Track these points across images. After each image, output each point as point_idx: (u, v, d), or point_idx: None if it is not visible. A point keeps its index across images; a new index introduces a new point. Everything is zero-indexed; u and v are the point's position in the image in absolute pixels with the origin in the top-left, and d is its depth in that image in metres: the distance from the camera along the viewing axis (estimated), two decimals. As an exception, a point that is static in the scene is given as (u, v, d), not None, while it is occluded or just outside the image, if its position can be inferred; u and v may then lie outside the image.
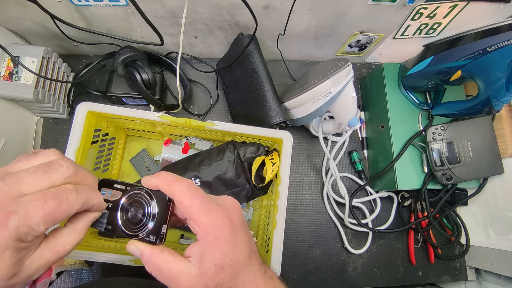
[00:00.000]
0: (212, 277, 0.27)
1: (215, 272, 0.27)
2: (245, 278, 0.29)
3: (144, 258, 0.28)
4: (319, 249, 0.70)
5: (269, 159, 0.58)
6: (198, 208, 0.27)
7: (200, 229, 0.27)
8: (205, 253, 0.27)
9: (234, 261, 0.28)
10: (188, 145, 0.65)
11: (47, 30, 0.61)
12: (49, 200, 0.23)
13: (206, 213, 0.27)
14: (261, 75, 0.62)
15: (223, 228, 0.27)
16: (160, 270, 0.27)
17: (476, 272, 0.72)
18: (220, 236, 0.27)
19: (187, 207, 0.27)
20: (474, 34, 0.52)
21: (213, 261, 0.27)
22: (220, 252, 0.27)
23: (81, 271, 0.62)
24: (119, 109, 0.52)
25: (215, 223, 0.27)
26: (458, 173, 0.62)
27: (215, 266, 0.27)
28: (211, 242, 0.27)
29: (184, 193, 0.27)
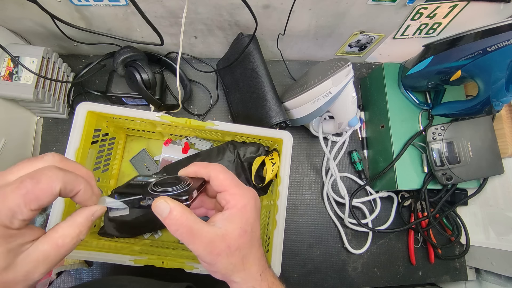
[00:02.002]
0: (235, 239, 0.29)
1: (239, 235, 0.30)
2: (255, 255, 0.32)
3: (174, 215, 0.27)
4: (319, 249, 0.70)
5: (269, 159, 0.58)
6: (231, 181, 0.31)
7: (232, 197, 0.31)
8: (234, 217, 0.30)
9: (253, 231, 0.31)
10: (188, 145, 0.65)
11: (47, 30, 0.61)
12: (25, 180, 0.22)
13: (237, 185, 0.31)
14: (261, 75, 0.62)
15: (251, 200, 0.31)
16: (190, 228, 0.28)
17: (476, 272, 0.72)
18: (248, 205, 0.31)
19: (222, 180, 0.31)
20: (474, 34, 0.52)
21: (239, 224, 0.30)
22: (246, 218, 0.31)
23: (81, 271, 0.62)
24: (119, 109, 0.52)
25: (245, 194, 0.31)
26: (458, 173, 0.62)
27: (240, 229, 0.30)
28: (240, 209, 0.30)
29: (219, 170, 0.32)
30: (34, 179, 0.23)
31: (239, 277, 0.31)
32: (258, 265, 0.32)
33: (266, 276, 0.32)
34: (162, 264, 0.49)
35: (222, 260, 0.29)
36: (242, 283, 0.31)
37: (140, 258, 0.49)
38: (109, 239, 0.59)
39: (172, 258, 0.52)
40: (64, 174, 0.24)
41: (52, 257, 0.24)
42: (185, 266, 0.49)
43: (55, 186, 0.23)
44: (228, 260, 0.29)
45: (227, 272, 0.30)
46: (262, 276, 0.32)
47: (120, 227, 0.59)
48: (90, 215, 0.27)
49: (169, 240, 0.65)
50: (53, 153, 0.26)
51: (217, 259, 0.29)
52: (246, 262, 0.31)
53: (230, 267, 0.30)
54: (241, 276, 0.31)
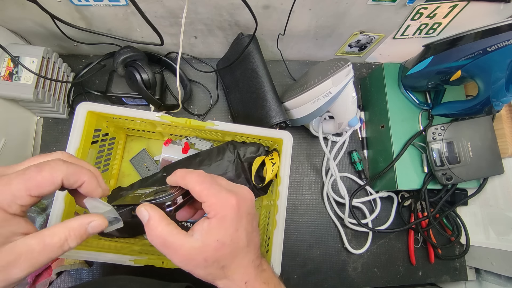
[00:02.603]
0: (212, 251, 0.28)
1: (216, 248, 0.28)
2: (239, 263, 0.31)
3: (151, 224, 0.28)
4: (319, 249, 0.70)
5: (269, 159, 0.58)
6: (208, 192, 0.30)
7: (210, 208, 0.29)
8: (211, 229, 0.29)
9: (234, 242, 0.30)
10: (188, 145, 0.65)
11: (47, 30, 0.61)
12: (30, 168, 0.24)
13: (215, 195, 0.30)
14: (261, 75, 0.62)
15: (231, 209, 0.29)
16: (164, 240, 0.28)
17: (476, 272, 0.72)
18: (227, 215, 0.29)
19: (198, 192, 0.30)
20: (474, 34, 0.52)
21: (216, 236, 0.29)
22: (224, 229, 0.29)
23: (81, 271, 0.62)
24: (119, 109, 0.52)
25: (223, 204, 0.29)
26: (458, 173, 0.62)
27: (217, 241, 0.29)
28: (218, 219, 0.29)
29: (195, 181, 0.30)
30: (38, 167, 0.24)
31: (221, 283, 0.30)
32: (243, 273, 0.31)
33: (252, 284, 0.31)
34: (162, 264, 0.49)
35: (200, 271, 0.29)
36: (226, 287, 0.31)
37: (140, 258, 0.49)
38: (109, 239, 0.59)
39: (172, 258, 0.51)
40: (67, 166, 0.25)
41: (36, 254, 0.23)
42: (185, 266, 0.49)
43: (57, 176, 0.24)
44: (205, 270, 0.29)
45: (207, 279, 0.30)
46: (248, 285, 0.31)
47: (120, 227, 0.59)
48: (87, 222, 0.26)
49: (169, 240, 0.65)
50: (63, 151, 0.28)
51: (195, 270, 0.29)
52: (228, 271, 0.30)
53: (209, 277, 0.30)
54: (223, 282, 0.30)
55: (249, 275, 0.31)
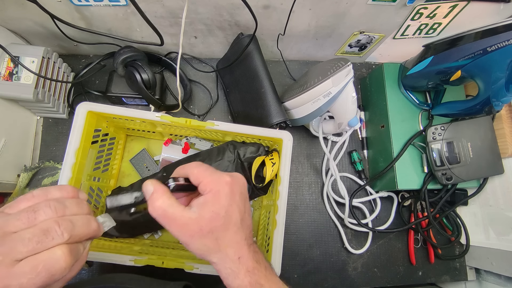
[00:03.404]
0: (207, 221, 0.31)
1: (211, 218, 0.31)
2: (232, 238, 0.33)
3: (154, 196, 0.30)
4: (319, 249, 0.70)
5: (269, 159, 0.58)
6: (204, 172, 0.33)
7: (207, 185, 0.33)
8: (207, 201, 0.32)
9: (228, 215, 0.33)
10: (188, 145, 0.65)
11: (47, 30, 0.61)
12: (41, 273, 0.23)
13: (211, 174, 0.33)
14: (261, 75, 0.62)
15: (225, 186, 0.33)
16: (164, 211, 0.30)
17: (476, 272, 0.72)
18: (221, 191, 0.33)
19: (196, 174, 0.33)
20: (474, 34, 0.52)
21: (211, 208, 0.32)
22: (218, 202, 0.32)
23: (81, 271, 0.62)
24: (119, 109, 0.52)
25: (218, 181, 0.33)
26: (458, 173, 0.62)
27: (212, 212, 0.32)
28: (213, 194, 0.32)
29: (194, 166, 0.34)
30: (48, 271, 0.23)
31: (215, 257, 0.33)
32: (237, 248, 0.33)
33: (246, 260, 0.33)
34: (162, 264, 0.49)
35: (195, 242, 0.31)
36: (220, 263, 0.33)
37: (140, 258, 0.49)
38: (109, 239, 0.59)
39: (172, 258, 0.52)
40: (73, 257, 0.25)
41: None
42: (185, 266, 0.49)
43: (68, 268, 0.25)
44: (201, 241, 0.32)
45: (202, 252, 0.32)
46: (241, 260, 0.33)
47: (120, 227, 0.59)
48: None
49: (169, 240, 0.65)
50: (52, 204, 0.26)
51: (191, 240, 0.31)
52: (221, 244, 0.32)
53: (204, 248, 0.32)
54: (217, 256, 0.32)
55: (242, 251, 0.33)
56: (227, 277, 0.33)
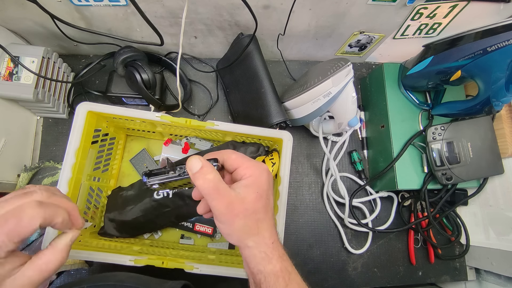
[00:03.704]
0: (252, 202, 0.32)
1: (255, 199, 0.32)
2: (269, 221, 0.34)
3: (204, 170, 0.31)
4: (319, 249, 0.70)
5: (269, 159, 0.58)
6: (243, 158, 0.35)
7: (247, 170, 0.34)
8: (250, 183, 0.33)
9: (268, 198, 0.34)
10: (188, 145, 0.65)
11: (47, 30, 0.61)
12: (9, 219, 0.27)
13: (249, 160, 0.35)
14: (261, 75, 0.62)
15: (264, 172, 0.35)
16: (216, 184, 0.31)
17: (476, 272, 0.72)
18: (262, 175, 0.34)
19: (234, 159, 0.34)
20: (474, 34, 0.52)
21: (255, 189, 0.33)
22: (261, 185, 0.34)
23: (81, 271, 0.62)
24: (119, 109, 0.52)
25: (258, 166, 0.34)
26: (458, 173, 0.62)
27: (256, 193, 0.33)
28: (255, 177, 0.33)
29: (231, 151, 0.35)
30: (16, 217, 0.27)
31: (252, 240, 0.33)
32: (271, 232, 0.34)
33: (277, 246, 0.34)
34: (162, 264, 0.49)
35: (239, 221, 0.32)
36: (255, 247, 0.33)
37: (140, 258, 0.49)
38: (109, 239, 0.59)
39: (172, 258, 0.52)
40: (44, 211, 0.28)
41: (36, 281, 0.29)
42: (185, 266, 0.49)
43: (35, 223, 0.27)
44: (244, 221, 0.32)
45: (242, 234, 0.32)
46: (274, 245, 0.34)
47: (120, 227, 0.60)
48: (69, 240, 0.32)
49: (169, 240, 0.65)
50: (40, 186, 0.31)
51: (235, 220, 0.31)
52: (261, 226, 0.33)
53: (245, 229, 0.32)
54: (254, 240, 0.33)
55: (275, 236, 0.35)
56: (260, 261, 0.33)
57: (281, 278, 0.33)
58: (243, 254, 0.34)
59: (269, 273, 0.32)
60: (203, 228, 0.63)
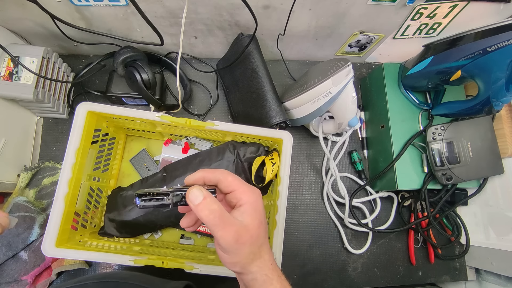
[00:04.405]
0: (256, 229, 0.32)
1: (258, 225, 0.33)
2: (267, 244, 0.35)
3: (208, 202, 0.30)
4: (319, 249, 0.70)
5: (269, 159, 0.58)
6: (239, 181, 0.34)
7: (243, 194, 0.33)
8: (250, 210, 0.33)
9: (265, 223, 0.34)
10: (188, 145, 0.65)
11: (47, 30, 0.61)
12: None
13: (245, 184, 0.34)
14: (261, 75, 0.62)
15: (260, 196, 0.35)
16: (222, 215, 0.30)
17: (476, 272, 0.72)
18: (258, 200, 0.34)
19: (231, 181, 0.34)
20: (474, 34, 0.52)
21: (256, 216, 0.33)
22: (260, 211, 0.34)
23: (81, 271, 0.62)
24: (119, 109, 0.52)
25: (254, 191, 0.34)
26: (458, 173, 0.62)
27: (258, 220, 0.33)
28: (253, 203, 0.33)
29: (227, 172, 0.34)
30: None
31: (256, 266, 0.33)
32: (269, 254, 0.34)
33: (275, 266, 0.34)
34: (162, 264, 0.49)
35: (246, 249, 0.31)
36: (258, 271, 0.33)
37: (140, 258, 0.49)
38: (109, 239, 0.59)
39: (172, 258, 0.52)
40: None
41: None
42: (185, 266, 0.49)
43: None
44: (250, 248, 0.32)
45: (247, 261, 0.32)
46: (273, 266, 0.34)
47: (120, 227, 0.60)
48: None
49: (169, 240, 0.65)
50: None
51: (242, 248, 0.31)
52: (262, 250, 0.33)
53: (251, 256, 0.32)
54: (257, 264, 0.33)
55: (272, 257, 0.35)
56: (262, 284, 0.33)
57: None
58: (243, 280, 0.34)
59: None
60: (203, 228, 0.63)
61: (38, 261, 0.58)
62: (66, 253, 0.48)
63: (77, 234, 0.54)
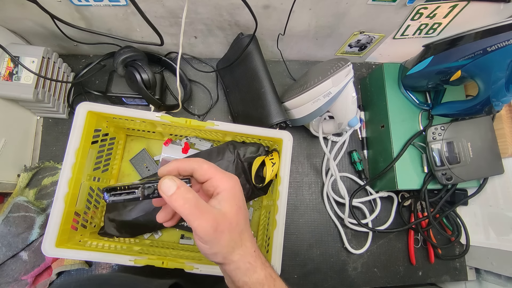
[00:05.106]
0: (234, 215, 0.31)
1: (236, 211, 0.32)
2: (249, 231, 0.34)
3: (182, 191, 0.29)
4: (319, 249, 0.70)
5: (269, 159, 0.58)
6: (215, 169, 0.33)
7: (220, 182, 0.32)
8: (228, 197, 0.32)
9: (245, 209, 0.34)
10: (188, 145, 0.65)
11: (47, 30, 0.61)
12: None
13: (221, 171, 0.33)
14: (261, 75, 0.62)
15: (236, 182, 0.34)
16: (197, 204, 0.29)
17: (476, 272, 0.72)
18: (236, 186, 0.33)
19: (206, 169, 0.33)
20: (474, 34, 0.52)
21: (234, 201, 0.32)
22: (237, 197, 0.33)
23: (81, 271, 0.62)
24: (119, 109, 0.52)
25: (230, 177, 0.33)
26: (458, 173, 0.62)
27: (236, 205, 0.32)
28: (230, 189, 0.32)
29: (202, 161, 0.33)
30: None
31: (238, 254, 0.32)
32: (252, 242, 0.34)
33: (259, 253, 0.34)
34: (162, 264, 0.49)
35: (225, 237, 0.30)
36: (240, 260, 0.32)
37: (140, 258, 0.49)
38: (109, 239, 0.59)
39: (172, 258, 0.52)
40: None
41: None
42: (185, 266, 0.49)
43: None
44: (230, 236, 0.31)
45: (227, 250, 0.31)
46: (256, 253, 0.33)
47: (120, 227, 0.60)
48: None
49: (169, 240, 0.65)
50: None
51: (221, 236, 0.30)
52: (243, 237, 0.33)
53: (231, 243, 0.31)
54: (239, 252, 0.32)
55: (255, 244, 0.34)
56: (245, 272, 0.32)
57: (266, 286, 0.32)
58: (226, 270, 0.33)
59: (254, 282, 0.32)
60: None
61: (38, 261, 0.58)
62: (66, 253, 0.48)
63: (77, 234, 0.54)
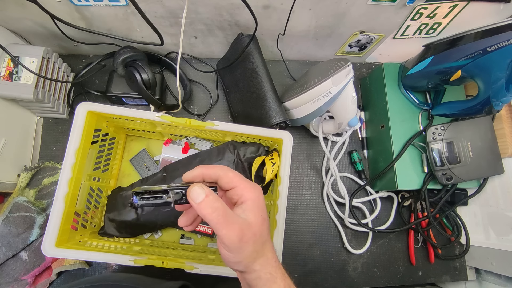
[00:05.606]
0: (259, 226, 0.32)
1: (261, 222, 0.32)
2: (270, 242, 0.34)
3: (210, 199, 0.29)
4: (319, 249, 0.70)
5: (269, 159, 0.58)
6: (240, 177, 0.33)
7: (245, 191, 0.32)
8: (253, 207, 0.32)
9: (268, 220, 0.34)
10: (188, 145, 0.65)
11: (47, 30, 0.61)
12: None
13: (246, 180, 0.33)
14: (261, 75, 0.62)
15: (261, 193, 0.34)
16: (225, 213, 0.29)
17: (476, 272, 0.72)
18: (260, 196, 0.33)
19: (232, 177, 0.33)
20: (474, 34, 0.52)
21: (259, 212, 0.32)
22: (261, 208, 0.33)
23: (81, 271, 0.62)
24: (119, 109, 0.52)
25: (255, 187, 0.33)
26: (458, 173, 0.62)
27: (261, 216, 0.32)
28: (255, 199, 0.32)
29: (227, 168, 0.34)
30: None
31: (259, 264, 0.32)
32: (273, 252, 0.34)
33: (278, 264, 0.34)
34: (162, 264, 0.49)
35: (249, 247, 0.31)
36: (261, 269, 0.32)
37: (140, 258, 0.49)
38: (109, 239, 0.59)
39: (172, 258, 0.52)
40: None
41: None
42: (185, 266, 0.49)
43: None
44: (253, 247, 0.31)
45: (250, 260, 0.31)
46: (277, 264, 0.33)
47: (120, 227, 0.60)
48: None
49: (169, 240, 0.65)
50: None
51: (246, 246, 0.30)
52: (265, 248, 0.33)
53: (254, 254, 0.31)
54: (260, 262, 0.32)
55: (275, 255, 0.34)
56: (265, 283, 0.32)
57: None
58: (246, 279, 0.33)
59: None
60: (203, 228, 0.63)
61: (38, 261, 0.58)
62: (66, 253, 0.48)
63: (77, 234, 0.54)
